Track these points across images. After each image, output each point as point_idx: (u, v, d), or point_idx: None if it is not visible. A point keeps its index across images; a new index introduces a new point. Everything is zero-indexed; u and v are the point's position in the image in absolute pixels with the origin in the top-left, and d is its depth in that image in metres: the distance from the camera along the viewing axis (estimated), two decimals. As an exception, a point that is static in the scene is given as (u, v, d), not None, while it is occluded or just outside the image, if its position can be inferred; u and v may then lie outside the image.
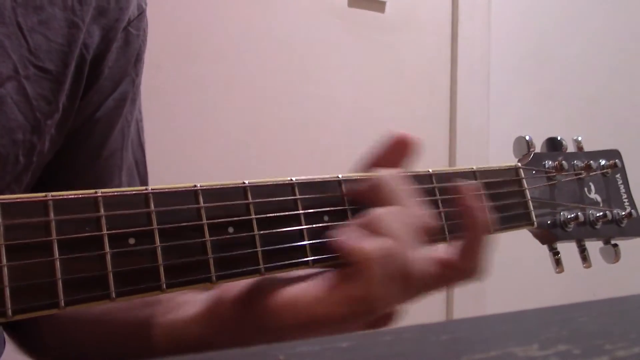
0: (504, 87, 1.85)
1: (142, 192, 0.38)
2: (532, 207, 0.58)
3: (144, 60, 0.61)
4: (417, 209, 0.44)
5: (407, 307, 0.44)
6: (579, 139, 0.67)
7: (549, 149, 0.64)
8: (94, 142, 0.58)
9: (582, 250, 0.62)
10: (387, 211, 0.43)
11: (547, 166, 0.61)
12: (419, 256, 0.42)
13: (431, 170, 0.51)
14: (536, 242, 0.61)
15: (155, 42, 0.67)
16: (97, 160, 0.59)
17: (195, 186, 0.40)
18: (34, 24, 0.51)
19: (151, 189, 0.39)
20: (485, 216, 0.46)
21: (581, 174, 0.63)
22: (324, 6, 1.56)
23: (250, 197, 0.42)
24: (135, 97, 0.62)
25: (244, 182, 0.42)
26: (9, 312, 0.33)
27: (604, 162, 0.66)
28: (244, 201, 0.42)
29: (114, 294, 0.36)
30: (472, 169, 0.54)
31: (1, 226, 0.34)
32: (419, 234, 0.43)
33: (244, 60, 1.46)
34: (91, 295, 0.36)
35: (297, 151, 1.52)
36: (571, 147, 0.66)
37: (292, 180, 0.44)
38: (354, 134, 1.56)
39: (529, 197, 0.58)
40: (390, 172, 0.45)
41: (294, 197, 0.44)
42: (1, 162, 0.50)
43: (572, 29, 2.01)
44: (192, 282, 0.39)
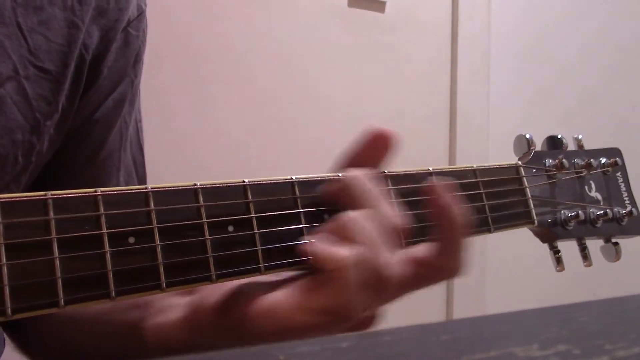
0: (504, 86, 1.85)
1: (142, 190, 0.38)
2: (532, 206, 0.57)
3: (144, 60, 0.61)
4: (389, 211, 0.43)
5: (387, 309, 0.44)
6: (580, 137, 0.66)
7: (549, 147, 0.64)
8: (93, 142, 0.58)
9: (583, 248, 0.62)
10: (359, 215, 0.42)
11: (547, 164, 0.61)
12: (392, 259, 0.42)
13: (431, 168, 0.51)
14: (536, 240, 0.61)
15: (155, 42, 0.67)
16: (95, 160, 0.59)
17: (195, 185, 0.40)
18: (34, 24, 0.51)
19: (151, 188, 0.39)
20: (459, 213, 0.45)
21: (582, 172, 0.63)
22: (323, 6, 1.56)
23: (250, 195, 0.42)
24: (134, 98, 0.61)
25: (244, 181, 0.42)
26: (9, 311, 0.33)
27: (604, 160, 0.66)
28: (244, 200, 0.41)
29: (113, 293, 0.36)
30: (473, 167, 0.54)
31: (1, 225, 0.34)
32: (391, 237, 0.42)
33: (244, 60, 1.46)
34: (91, 294, 0.36)
35: (297, 151, 1.51)
36: (572, 146, 0.66)
37: (292, 178, 0.44)
38: (354, 134, 1.56)
39: (530, 196, 0.58)
40: (360, 173, 0.45)
41: (294, 195, 0.44)
42: (0, 162, 0.49)
43: (571, 28, 2.01)
44: (192, 281, 0.39)
